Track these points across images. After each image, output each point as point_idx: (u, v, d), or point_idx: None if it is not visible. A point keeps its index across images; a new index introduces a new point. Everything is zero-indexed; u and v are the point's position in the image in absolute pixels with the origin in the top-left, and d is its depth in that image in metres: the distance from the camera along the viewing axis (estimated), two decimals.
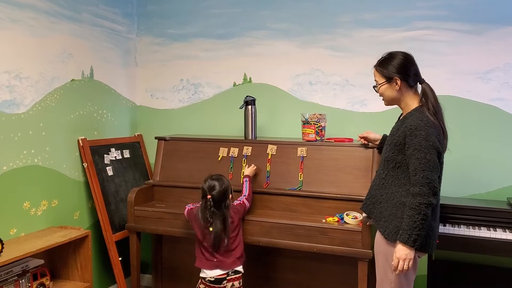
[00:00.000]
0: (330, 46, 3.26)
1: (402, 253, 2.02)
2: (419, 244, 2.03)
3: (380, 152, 2.59)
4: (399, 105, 2.27)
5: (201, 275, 2.64)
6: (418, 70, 2.23)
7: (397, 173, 2.16)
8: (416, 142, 2.05)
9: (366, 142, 2.77)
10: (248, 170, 2.94)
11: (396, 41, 3.08)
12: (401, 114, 2.30)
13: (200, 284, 2.65)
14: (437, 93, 2.99)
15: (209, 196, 2.57)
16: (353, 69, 3.21)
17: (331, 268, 2.91)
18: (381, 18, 3.14)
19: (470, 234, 2.55)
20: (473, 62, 2.96)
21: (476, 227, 2.60)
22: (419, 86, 2.23)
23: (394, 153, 2.17)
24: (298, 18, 3.34)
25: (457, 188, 3.00)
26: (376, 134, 2.71)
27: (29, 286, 2.65)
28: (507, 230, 2.55)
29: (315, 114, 2.98)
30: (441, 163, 2.11)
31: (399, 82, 2.18)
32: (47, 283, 2.74)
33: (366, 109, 3.20)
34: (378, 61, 2.27)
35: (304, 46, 3.34)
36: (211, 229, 2.56)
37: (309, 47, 3.32)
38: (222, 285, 2.59)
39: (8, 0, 2.64)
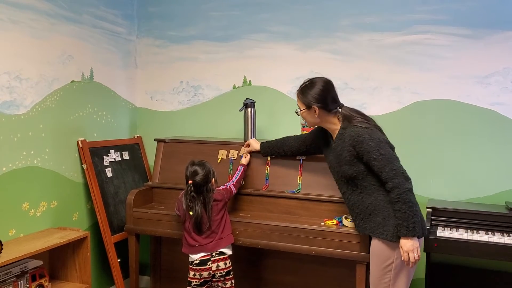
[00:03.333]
0: (329, 50, 3.27)
1: (408, 246, 2.10)
2: (419, 231, 2.10)
3: (264, 155, 2.93)
4: (323, 126, 2.42)
5: (189, 259, 2.69)
6: (336, 96, 2.37)
7: (369, 181, 2.25)
8: (366, 147, 2.17)
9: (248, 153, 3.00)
10: (245, 160, 3.01)
11: (395, 45, 3.09)
12: (331, 134, 2.43)
13: (189, 270, 2.68)
14: (437, 97, 2.98)
15: (190, 181, 2.63)
16: (353, 72, 3.22)
17: (329, 271, 2.91)
18: (381, 22, 3.14)
19: (468, 238, 2.56)
20: (473, 67, 2.97)
21: (475, 231, 2.61)
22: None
23: (353, 167, 2.25)
24: (298, 22, 3.35)
25: (456, 192, 3.00)
26: (256, 144, 2.95)
27: (28, 287, 2.65)
28: (505, 234, 2.55)
29: None
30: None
31: (317, 110, 2.32)
32: (45, 284, 2.74)
33: (365, 113, 3.16)
34: (300, 87, 2.40)
35: (303, 49, 3.34)
36: (191, 213, 2.62)
37: (308, 50, 3.33)
38: (207, 266, 2.62)
39: (8, 1, 2.65)
